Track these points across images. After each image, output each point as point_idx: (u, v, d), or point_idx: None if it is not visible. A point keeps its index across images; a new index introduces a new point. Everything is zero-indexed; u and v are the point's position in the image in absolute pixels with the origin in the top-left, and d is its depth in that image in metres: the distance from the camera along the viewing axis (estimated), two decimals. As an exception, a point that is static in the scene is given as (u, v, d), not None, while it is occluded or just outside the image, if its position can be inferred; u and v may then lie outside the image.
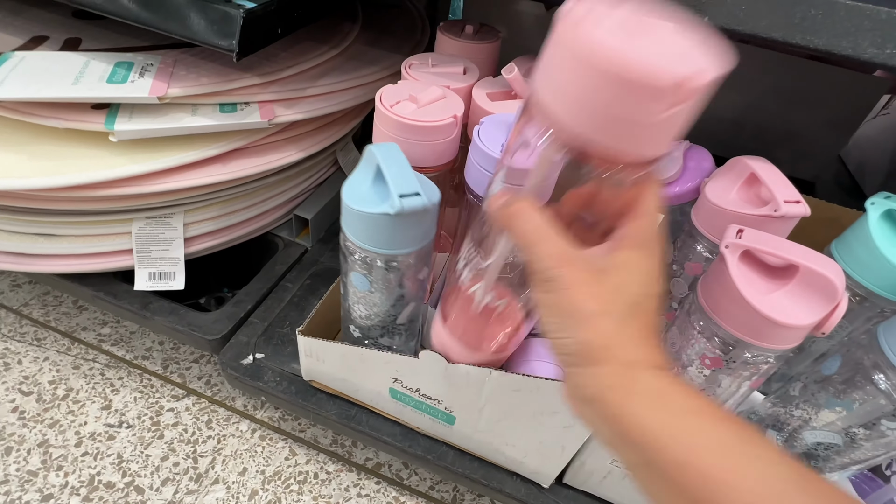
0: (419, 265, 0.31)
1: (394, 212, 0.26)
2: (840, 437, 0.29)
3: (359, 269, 0.31)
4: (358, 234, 0.29)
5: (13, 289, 0.59)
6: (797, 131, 0.74)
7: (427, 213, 0.28)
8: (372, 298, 0.32)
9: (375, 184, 0.28)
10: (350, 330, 0.36)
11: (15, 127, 0.40)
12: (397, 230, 0.28)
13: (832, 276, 0.25)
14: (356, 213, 0.28)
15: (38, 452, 0.46)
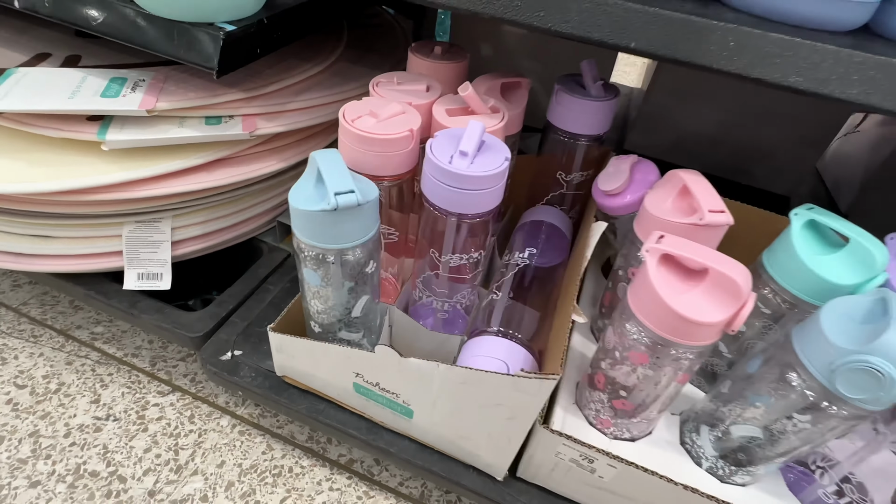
0: (365, 258, 0.34)
1: (330, 208, 0.29)
2: (761, 431, 0.31)
3: (310, 266, 0.33)
4: (304, 232, 0.31)
5: (13, 288, 0.63)
6: (772, 148, 0.76)
7: (363, 209, 0.31)
8: (325, 293, 0.35)
9: (317, 186, 0.31)
10: (312, 326, 0.39)
11: (16, 136, 0.43)
12: (337, 225, 0.30)
13: (739, 278, 0.27)
14: (299, 212, 0.30)
15: (28, 442, 0.49)
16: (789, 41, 0.27)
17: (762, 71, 0.28)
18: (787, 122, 0.73)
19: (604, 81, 0.44)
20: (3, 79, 0.42)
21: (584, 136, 0.45)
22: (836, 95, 0.27)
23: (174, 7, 0.36)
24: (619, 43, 0.30)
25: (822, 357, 0.27)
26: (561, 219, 0.48)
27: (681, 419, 0.38)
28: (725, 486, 0.34)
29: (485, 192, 0.33)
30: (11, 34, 0.49)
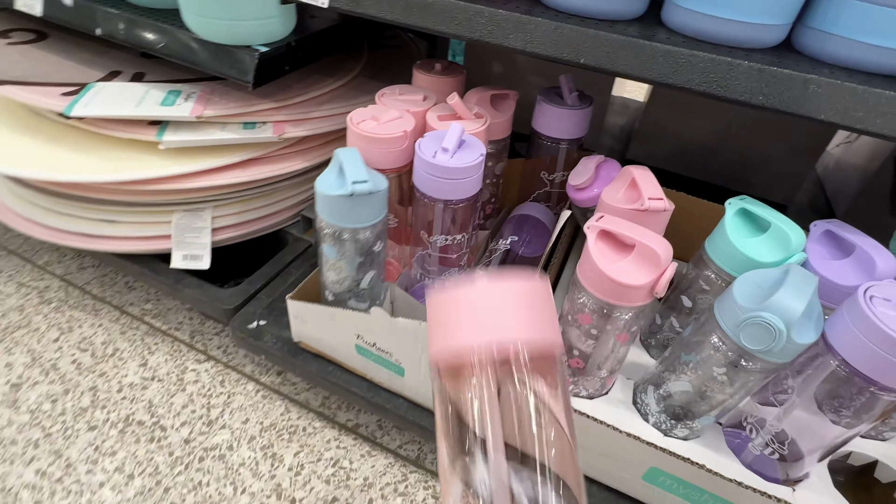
0: (374, 239, 0.41)
1: (348, 193, 0.36)
2: (691, 385, 0.36)
3: (328, 242, 0.41)
4: (326, 213, 0.39)
5: (80, 270, 0.73)
6: (768, 157, 0.80)
7: (374, 197, 0.38)
8: (339, 265, 0.42)
9: (339, 176, 0.38)
10: (326, 296, 0.46)
11: (92, 137, 0.53)
12: (353, 209, 0.38)
13: (660, 250, 0.33)
14: (323, 196, 0.38)
15: (88, 395, 0.58)
16: (712, 58, 0.32)
17: (700, 85, 0.33)
18: (779, 132, 0.76)
19: (579, 92, 0.50)
20: (85, 92, 0.52)
21: (564, 139, 0.51)
22: (744, 100, 0.33)
23: (219, 33, 0.45)
24: (572, 59, 0.36)
25: (732, 317, 0.32)
26: (545, 213, 0.55)
27: (634, 384, 0.43)
28: (668, 439, 0.39)
29: (464, 181, 0.40)
30: (92, 56, 0.59)
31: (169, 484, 0.51)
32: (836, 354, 0.31)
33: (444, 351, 0.22)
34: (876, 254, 0.34)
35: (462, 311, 0.21)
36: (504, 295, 0.21)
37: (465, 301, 0.21)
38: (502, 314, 0.21)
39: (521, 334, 0.21)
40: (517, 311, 0.21)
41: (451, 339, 0.21)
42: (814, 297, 0.31)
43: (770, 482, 0.37)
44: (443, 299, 0.22)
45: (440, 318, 0.22)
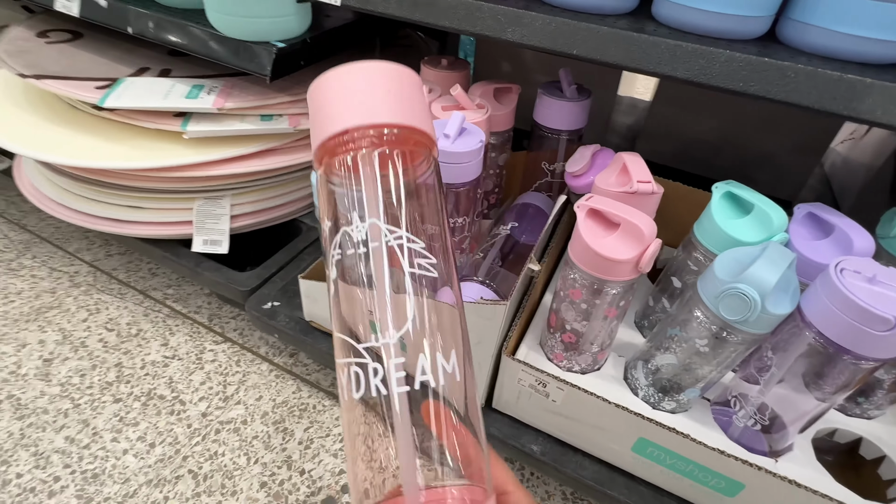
0: None
1: None
2: (675, 358, 0.38)
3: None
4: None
5: (107, 257, 0.78)
6: (772, 154, 0.81)
7: None
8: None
9: None
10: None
11: (122, 128, 0.57)
12: None
13: (644, 227, 0.35)
14: None
15: (114, 370, 0.62)
16: (694, 48, 0.35)
17: (684, 73, 0.35)
18: (783, 129, 0.78)
19: (578, 85, 0.52)
20: (116, 86, 0.56)
21: (564, 131, 0.53)
22: (724, 86, 0.35)
23: (240, 30, 0.49)
24: (565, 51, 0.39)
25: (712, 289, 0.34)
26: (545, 202, 0.57)
27: (626, 361, 0.45)
28: (655, 411, 0.41)
29: (464, 166, 0.42)
30: (123, 54, 0.64)
31: (187, 453, 0.54)
32: (810, 326, 0.33)
33: (321, 139, 0.21)
34: (854, 233, 0.36)
35: (335, 99, 0.21)
36: (375, 77, 0.21)
37: (336, 86, 0.21)
38: (376, 98, 0.21)
39: (395, 118, 0.21)
40: (388, 93, 0.21)
41: (327, 127, 0.21)
42: (789, 271, 0.33)
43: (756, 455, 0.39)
44: (315, 87, 0.22)
45: (315, 110, 0.22)
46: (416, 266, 0.21)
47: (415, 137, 0.22)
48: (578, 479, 0.45)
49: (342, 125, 0.21)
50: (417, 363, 0.20)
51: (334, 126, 0.21)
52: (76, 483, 0.51)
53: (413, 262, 0.21)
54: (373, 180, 0.21)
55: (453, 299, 0.22)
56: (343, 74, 0.21)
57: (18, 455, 0.53)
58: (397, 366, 0.20)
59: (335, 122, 0.21)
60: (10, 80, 0.65)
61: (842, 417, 0.43)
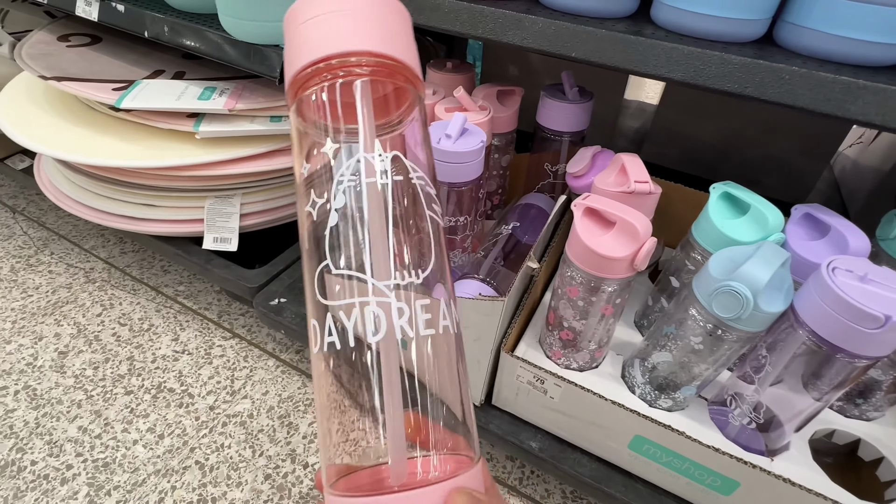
0: None
1: None
2: (671, 355, 0.39)
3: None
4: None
5: (121, 254, 0.80)
6: (779, 158, 0.81)
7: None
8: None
9: None
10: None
11: (138, 128, 0.59)
12: None
13: (639, 226, 0.35)
14: None
15: (126, 363, 0.64)
16: (690, 51, 0.35)
17: (679, 75, 0.36)
18: (790, 133, 0.78)
19: (580, 88, 0.53)
20: (133, 87, 0.58)
21: (566, 132, 0.54)
22: (718, 87, 0.35)
23: (251, 33, 0.50)
24: (564, 53, 0.40)
25: (706, 287, 0.35)
26: (548, 203, 0.58)
27: (623, 360, 0.45)
28: (652, 409, 0.42)
29: (465, 165, 0.43)
30: (139, 57, 0.66)
31: (195, 444, 0.56)
32: (803, 325, 0.33)
33: (296, 69, 0.20)
34: (849, 234, 0.36)
35: (313, 26, 0.20)
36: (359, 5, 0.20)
37: (313, 13, 0.20)
38: (353, 25, 0.19)
39: (373, 46, 0.19)
40: (367, 21, 0.20)
41: (303, 55, 0.19)
42: (782, 270, 0.33)
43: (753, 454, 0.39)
44: (290, 15, 0.21)
45: (290, 37, 0.20)
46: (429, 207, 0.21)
47: (403, 73, 0.21)
48: (576, 476, 0.45)
49: (341, 48, 0.19)
50: (411, 315, 0.19)
51: (328, 49, 0.19)
52: (87, 471, 0.52)
53: (430, 204, 0.20)
54: (368, 109, 0.20)
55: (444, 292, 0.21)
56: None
57: (33, 443, 0.54)
58: (399, 310, 0.19)
59: (330, 45, 0.19)
60: (31, 82, 0.67)
61: (840, 419, 0.43)
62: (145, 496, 0.51)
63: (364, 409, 0.19)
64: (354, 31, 0.20)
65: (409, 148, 0.22)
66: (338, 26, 0.19)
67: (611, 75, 0.88)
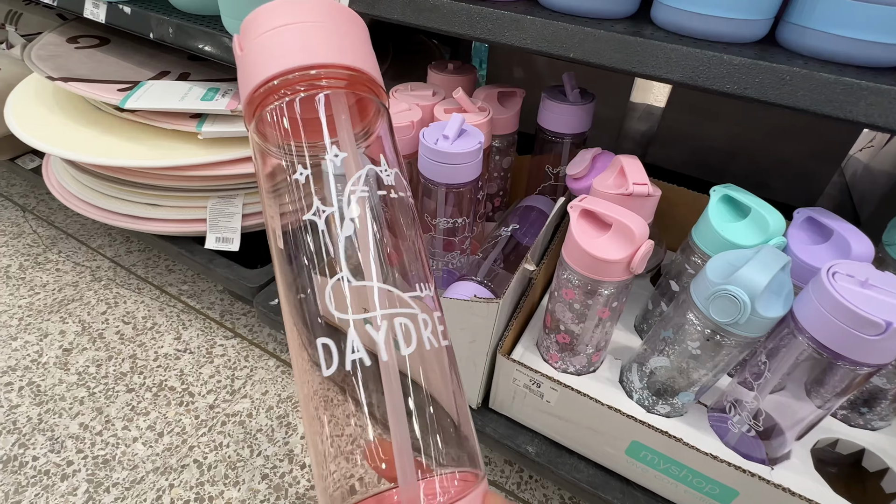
0: None
1: None
2: (668, 360, 0.38)
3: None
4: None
5: (127, 253, 0.81)
6: (788, 161, 0.80)
7: None
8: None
9: None
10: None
11: (142, 128, 0.59)
12: None
13: (635, 228, 0.35)
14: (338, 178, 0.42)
15: (128, 361, 0.64)
16: (689, 51, 0.35)
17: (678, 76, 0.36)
18: (799, 136, 0.76)
19: (581, 90, 0.53)
20: (138, 88, 0.58)
21: (567, 134, 0.54)
22: (717, 88, 0.35)
23: (253, 34, 0.51)
24: (562, 54, 0.39)
25: (703, 291, 0.34)
26: (548, 205, 0.57)
27: (621, 364, 0.45)
28: (649, 415, 0.41)
29: (462, 166, 0.43)
30: (145, 58, 0.67)
31: (194, 443, 0.56)
32: (803, 331, 0.32)
33: (252, 87, 0.19)
34: (852, 238, 0.36)
35: (271, 38, 0.19)
36: (316, 14, 0.19)
37: (270, 22, 0.19)
38: (314, 38, 0.19)
39: (336, 58, 0.19)
40: (329, 33, 0.19)
41: (260, 71, 0.19)
42: (782, 274, 0.32)
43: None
44: (245, 28, 0.20)
45: (246, 53, 0.20)
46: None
47: (365, 83, 0.20)
48: (574, 482, 0.44)
49: (300, 62, 0.18)
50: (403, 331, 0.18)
51: (289, 62, 0.19)
52: (87, 468, 0.53)
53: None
54: (347, 122, 0.19)
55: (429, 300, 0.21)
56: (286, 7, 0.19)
57: (36, 439, 0.55)
58: (424, 321, 0.18)
59: (289, 59, 0.19)
60: (41, 84, 0.69)
61: (844, 428, 0.42)
62: (143, 493, 0.51)
63: (374, 430, 0.18)
64: (316, 43, 0.19)
65: (386, 161, 0.21)
66: (297, 39, 0.19)
67: (616, 78, 0.88)
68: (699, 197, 0.54)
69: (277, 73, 0.19)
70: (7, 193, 0.92)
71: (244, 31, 0.20)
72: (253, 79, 0.19)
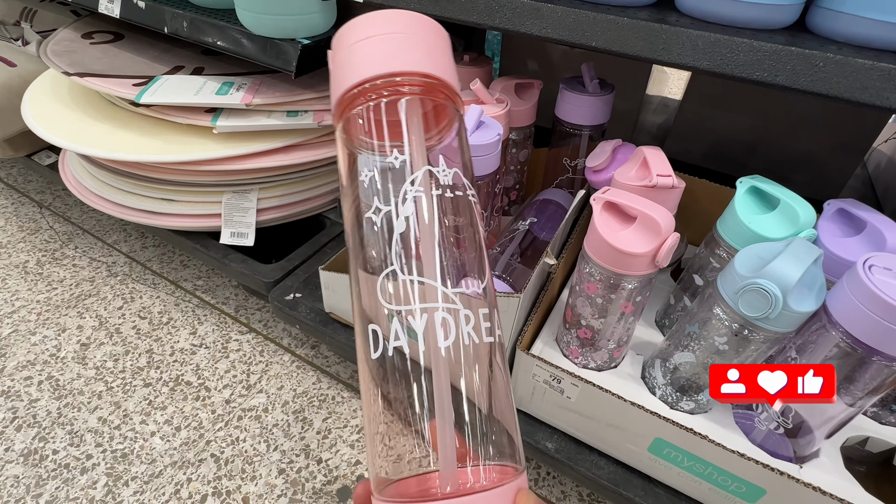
0: None
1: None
2: (693, 356, 0.37)
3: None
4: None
5: (143, 249, 0.81)
6: (810, 154, 0.78)
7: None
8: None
9: None
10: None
11: (157, 123, 0.59)
12: None
13: (661, 220, 0.34)
14: None
15: (145, 356, 0.64)
16: (717, 38, 0.34)
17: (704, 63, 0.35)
18: (822, 128, 0.74)
19: (601, 80, 0.52)
20: (153, 83, 0.58)
21: (585, 126, 0.53)
22: (746, 76, 0.34)
23: (267, 27, 0.50)
24: (584, 43, 0.39)
25: (732, 285, 0.33)
26: (566, 198, 0.56)
27: (644, 360, 0.44)
28: (673, 411, 0.40)
29: (481, 158, 0.42)
30: (159, 53, 0.66)
31: (210, 437, 0.56)
32: (837, 326, 0.31)
33: (342, 91, 0.21)
34: (887, 230, 0.34)
35: (358, 49, 0.20)
36: (400, 25, 0.21)
37: (359, 35, 0.21)
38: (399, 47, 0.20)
39: (418, 67, 0.20)
40: (415, 45, 0.20)
41: (348, 77, 0.20)
42: (814, 268, 0.31)
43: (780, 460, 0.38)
44: (338, 39, 0.22)
45: (337, 61, 0.21)
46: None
47: (444, 91, 0.21)
48: (594, 478, 0.44)
49: (393, 67, 0.20)
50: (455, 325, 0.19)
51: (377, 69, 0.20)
52: (107, 461, 0.53)
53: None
54: (417, 126, 0.21)
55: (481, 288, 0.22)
56: (378, 20, 0.21)
57: (55, 433, 0.55)
58: (466, 317, 0.19)
59: (381, 64, 0.20)
60: (56, 79, 0.69)
61: (875, 425, 0.41)
62: (162, 487, 0.51)
63: (418, 415, 0.19)
64: (400, 53, 0.21)
65: (459, 160, 0.22)
66: (384, 48, 0.20)
67: (632, 70, 0.86)
68: (719, 189, 0.53)
69: (361, 81, 0.20)
70: (24, 190, 0.92)
71: (336, 40, 0.22)
72: (342, 83, 0.21)
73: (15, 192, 0.92)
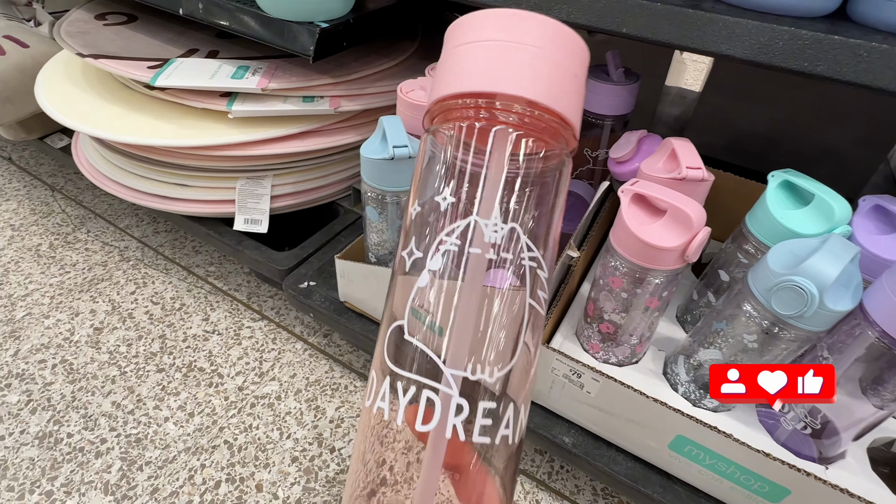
0: None
1: (389, 157, 0.39)
2: (720, 353, 0.36)
3: (371, 205, 0.44)
4: (369, 176, 0.42)
5: (155, 234, 0.81)
6: (833, 148, 0.76)
7: (414, 161, 0.40)
8: (381, 226, 0.45)
9: (382, 142, 0.41)
10: (369, 258, 0.49)
11: (172, 107, 0.59)
12: (394, 172, 0.40)
13: (692, 213, 0.33)
14: (367, 160, 0.41)
15: (158, 342, 0.64)
16: (756, 25, 0.33)
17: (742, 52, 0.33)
18: (846, 120, 0.73)
19: (626, 69, 0.50)
20: (167, 66, 0.57)
21: (608, 116, 0.51)
22: (786, 66, 0.32)
23: (285, 10, 0.49)
24: (614, 29, 0.37)
25: (764, 282, 0.32)
26: (587, 190, 0.55)
27: (665, 356, 0.43)
28: (696, 409, 0.39)
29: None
30: (174, 36, 0.65)
31: (224, 424, 0.56)
32: (874, 325, 0.31)
33: (437, 97, 0.18)
34: (926, 228, 0.33)
35: (469, 52, 0.17)
36: (533, 35, 0.17)
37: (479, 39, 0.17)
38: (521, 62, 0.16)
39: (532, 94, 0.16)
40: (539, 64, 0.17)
41: (444, 85, 0.18)
42: (851, 266, 0.30)
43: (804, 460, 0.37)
44: (453, 29, 0.18)
45: (445, 58, 0.18)
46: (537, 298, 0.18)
47: (556, 129, 0.18)
48: (611, 474, 0.43)
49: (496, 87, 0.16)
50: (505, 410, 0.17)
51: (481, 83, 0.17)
52: (121, 446, 0.53)
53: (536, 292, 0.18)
54: (498, 165, 0.17)
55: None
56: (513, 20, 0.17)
57: (70, 416, 0.56)
58: (459, 406, 0.17)
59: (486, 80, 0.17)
60: (70, 60, 0.68)
61: (902, 427, 0.40)
62: (175, 473, 0.51)
63: (397, 485, 0.18)
64: (512, 70, 0.17)
65: (534, 213, 0.19)
66: (495, 59, 0.17)
67: (651, 60, 0.84)
68: (742, 182, 0.51)
69: (454, 94, 0.17)
70: (36, 173, 0.92)
71: (450, 32, 0.18)
72: (438, 89, 0.18)
73: (27, 175, 0.92)
